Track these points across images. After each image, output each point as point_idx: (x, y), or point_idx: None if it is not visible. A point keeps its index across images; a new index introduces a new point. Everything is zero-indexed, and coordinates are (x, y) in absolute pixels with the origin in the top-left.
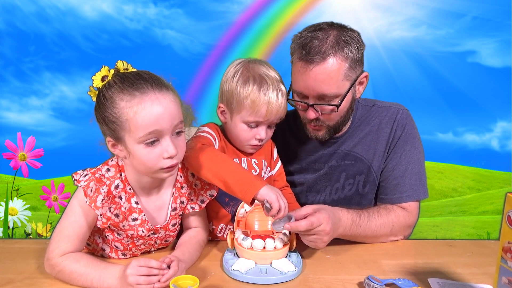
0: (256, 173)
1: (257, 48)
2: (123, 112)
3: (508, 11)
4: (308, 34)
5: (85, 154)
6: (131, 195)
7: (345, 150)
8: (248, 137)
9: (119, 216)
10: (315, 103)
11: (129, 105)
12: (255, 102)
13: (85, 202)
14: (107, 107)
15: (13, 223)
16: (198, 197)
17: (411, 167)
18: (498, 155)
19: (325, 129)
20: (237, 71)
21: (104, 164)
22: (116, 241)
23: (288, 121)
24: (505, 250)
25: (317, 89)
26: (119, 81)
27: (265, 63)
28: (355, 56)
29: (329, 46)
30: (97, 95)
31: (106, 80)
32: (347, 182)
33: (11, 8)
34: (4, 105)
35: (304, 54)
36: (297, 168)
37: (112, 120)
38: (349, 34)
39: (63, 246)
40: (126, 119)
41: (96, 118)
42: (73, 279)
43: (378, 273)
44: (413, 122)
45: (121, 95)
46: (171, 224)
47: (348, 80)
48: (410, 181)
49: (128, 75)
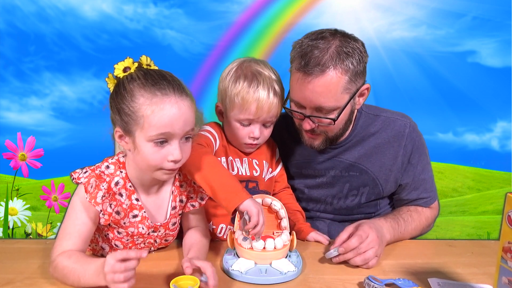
0: (257, 174)
1: (257, 48)
2: (141, 108)
3: (508, 11)
4: (309, 43)
5: (85, 154)
6: (132, 192)
7: (349, 161)
8: (242, 135)
9: (120, 213)
10: (311, 115)
11: (148, 102)
12: (244, 99)
13: (85, 198)
14: (125, 99)
15: (13, 223)
16: (198, 195)
17: (426, 173)
18: (498, 155)
19: (321, 139)
20: (231, 69)
21: (104, 162)
22: (116, 239)
23: (288, 124)
24: (505, 250)
25: (314, 101)
26: (142, 77)
27: (262, 62)
28: (356, 69)
29: (330, 58)
30: (117, 84)
31: (128, 72)
32: (350, 193)
33: (11, 8)
34: (4, 105)
35: (303, 65)
36: (296, 173)
37: (127, 113)
38: (351, 45)
39: (64, 244)
40: (142, 115)
41: (110, 105)
42: (65, 276)
43: (378, 273)
44: (420, 134)
45: (142, 91)
46: (171, 223)
47: (347, 93)
48: (429, 185)
49: (152, 72)
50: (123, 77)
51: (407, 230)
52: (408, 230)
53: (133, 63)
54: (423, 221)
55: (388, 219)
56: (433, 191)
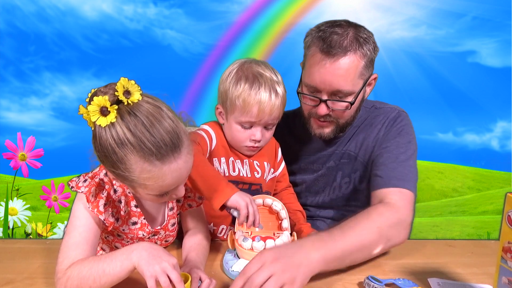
0: (259, 175)
1: (257, 48)
2: (140, 177)
3: (508, 11)
4: (327, 29)
5: (85, 154)
6: (130, 198)
7: (342, 150)
8: (243, 138)
9: (119, 220)
10: (328, 99)
11: (149, 176)
12: (245, 101)
13: (86, 208)
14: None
15: (13, 223)
16: (195, 194)
17: (402, 157)
18: (498, 155)
19: (332, 126)
20: (232, 71)
21: (102, 168)
22: (117, 241)
23: (288, 121)
24: (505, 250)
25: (334, 83)
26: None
27: (263, 63)
28: (371, 55)
29: (350, 42)
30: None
31: (109, 119)
32: (343, 181)
33: (11, 8)
34: (4, 105)
35: (326, 47)
36: (296, 168)
37: (124, 176)
38: (366, 33)
39: (72, 255)
40: (141, 184)
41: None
42: (82, 279)
43: (378, 273)
44: (409, 122)
45: (139, 163)
46: (170, 224)
47: (362, 79)
48: (400, 168)
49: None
50: (105, 127)
51: (350, 235)
52: (351, 235)
53: (108, 97)
54: (377, 219)
55: (314, 232)
56: (402, 178)
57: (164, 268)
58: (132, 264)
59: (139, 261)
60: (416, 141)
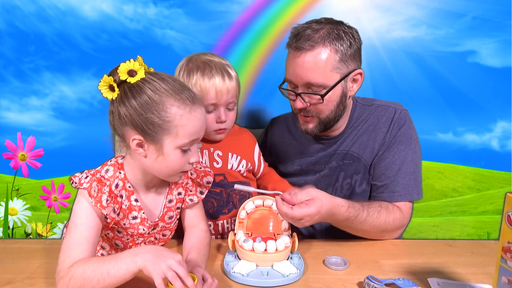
0: (219, 165)
1: (257, 48)
2: (175, 117)
3: (508, 11)
4: (304, 25)
5: (85, 154)
6: (131, 192)
7: (344, 150)
8: (210, 122)
9: (120, 214)
10: (302, 92)
11: (182, 112)
12: (201, 86)
13: (89, 203)
14: (153, 108)
15: (13, 223)
16: (197, 188)
17: (405, 167)
18: (498, 155)
19: (315, 122)
20: (182, 66)
21: (103, 166)
22: (117, 238)
23: (288, 122)
24: (505, 250)
25: (304, 77)
26: (164, 84)
27: (210, 53)
28: (346, 51)
29: (320, 36)
30: (130, 91)
31: (138, 77)
32: (345, 182)
33: (11, 8)
34: (4, 105)
35: (295, 42)
36: (298, 170)
37: (156, 122)
38: (343, 29)
39: (73, 254)
40: (176, 125)
41: (122, 114)
42: (86, 279)
43: (378, 273)
44: (410, 123)
45: (171, 100)
46: (167, 217)
47: (337, 73)
48: (403, 180)
49: (166, 78)
50: (135, 83)
51: (364, 223)
52: (364, 225)
53: (139, 65)
54: (389, 222)
55: (350, 208)
56: (405, 189)
57: (170, 265)
58: (138, 267)
59: (145, 263)
60: (417, 137)
